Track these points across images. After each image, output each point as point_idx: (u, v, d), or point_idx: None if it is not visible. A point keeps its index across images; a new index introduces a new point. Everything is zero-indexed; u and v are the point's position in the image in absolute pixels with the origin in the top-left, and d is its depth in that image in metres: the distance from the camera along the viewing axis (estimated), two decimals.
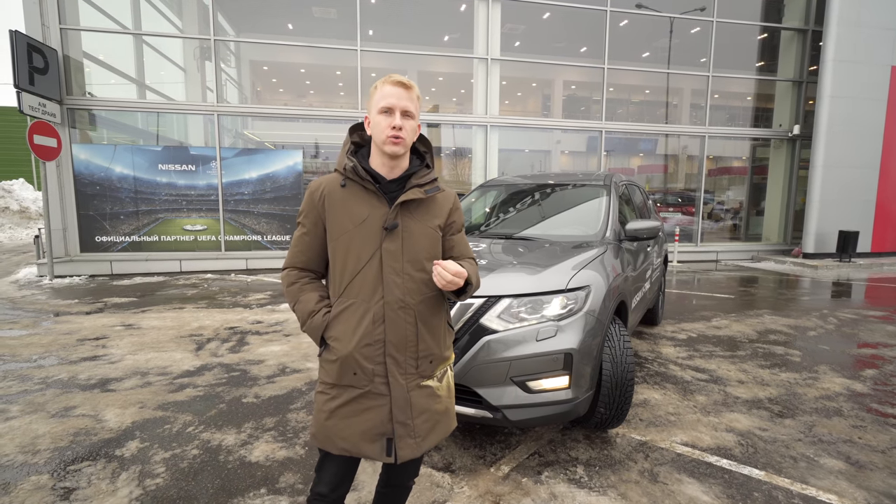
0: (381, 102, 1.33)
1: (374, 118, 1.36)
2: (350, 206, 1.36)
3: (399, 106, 1.33)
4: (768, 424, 2.96)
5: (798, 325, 5.35)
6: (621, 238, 3.32)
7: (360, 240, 1.34)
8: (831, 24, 10.13)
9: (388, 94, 1.33)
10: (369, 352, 1.32)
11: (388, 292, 1.33)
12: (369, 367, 1.33)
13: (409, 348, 1.35)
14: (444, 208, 1.47)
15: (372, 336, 1.33)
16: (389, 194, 1.38)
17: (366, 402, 1.34)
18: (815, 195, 10.60)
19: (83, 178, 8.38)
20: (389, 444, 1.34)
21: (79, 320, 5.37)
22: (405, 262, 1.36)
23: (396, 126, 1.32)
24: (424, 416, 1.37)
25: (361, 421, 1.33)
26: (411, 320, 1.35)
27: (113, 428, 2.87)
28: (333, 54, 10.60)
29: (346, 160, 1.38)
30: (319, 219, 1.38)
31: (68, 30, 8.33)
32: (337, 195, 1.37)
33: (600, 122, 10.82)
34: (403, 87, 1.35)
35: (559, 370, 2.30)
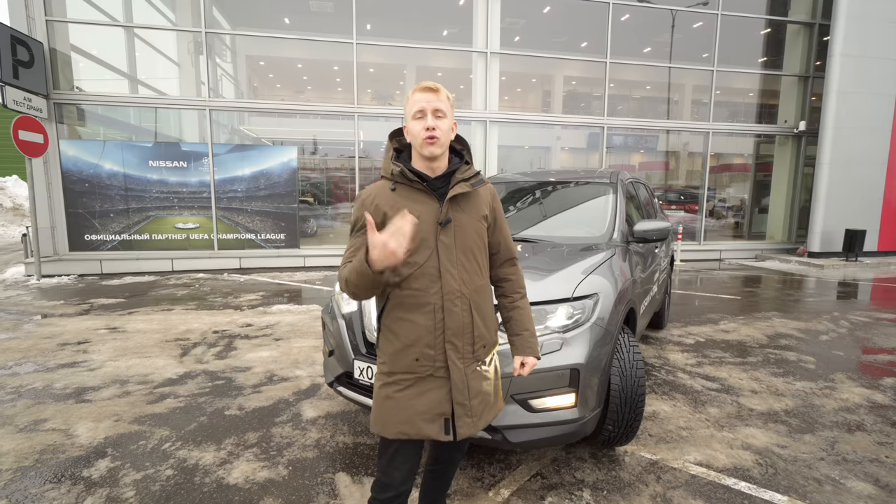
0: (413, 108, 1.41)
1: (409, 125, 1.44)
2: (403, 206, 1.40)
3: (429, 107, 1.40)
4: (787, 441, 2.77)
5: (809, 329, 5.15)
6: (629, 239, 3.11)
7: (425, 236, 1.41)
8: (839, 18, 9.89)
9: (418, 100, 1.40)
10: (431, 339, 1.41)
11: (446, 283, 1.42)
12: (430, 352, 1.42)
13: (466, 335, 1.44)
14: (486, 200, 1.54)
15: (442, 327, 1.41)
16: (437, 191, 1.45)
17: (425, 385, 1.43)
18: (821, 193, 10.39)
19: (71, 175, 8.16)
20: (447, 423, 1.43)
21: (62, 323, 5.16)
22: (458, 254, 1.44)
23: (430, 127, 1.39)
24: (479, 397, 1.48)
25: (421, 403, 1.42)
26: (467, 308, 1.44)
27: (83, 444, 2.67)
28: (330, 49, 10.34)
29: (393, 165, 1.46)
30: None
31: (55, 21, 8.08)
32: (388, 197, 1.44)
33: (602, 118, 10.60)
34: (430, 91, 1.41)
35: (564, 387, 2.09)
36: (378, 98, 14.09)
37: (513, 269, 1.64)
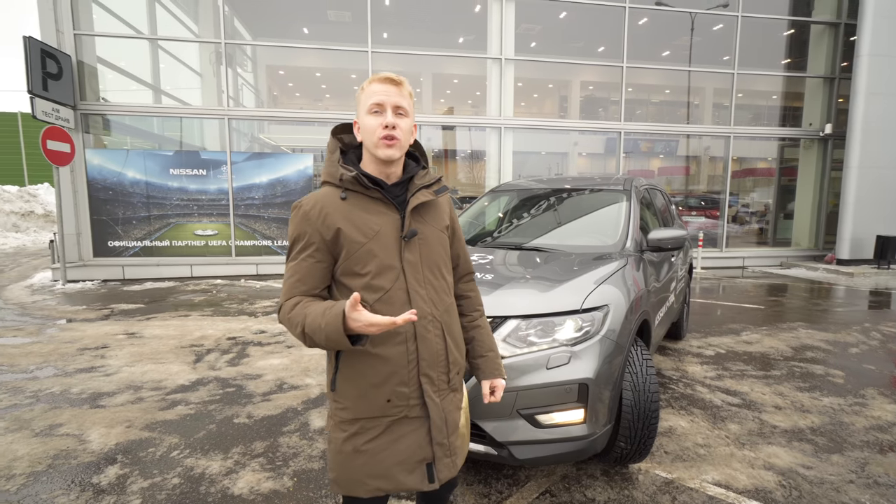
0: (370, 101, 1.19)
1: (363, 120, 1.21)
2: (358, 219, 1.20)
3: (389, 102, 1.19)
4: (813, 461, 2.63)
5: (837, 341, 4.94)
6: (643, 248, 3.02)
7: (374, 254, 1.20)
8: (866, 17, 9.58)
9: (377, 92, 1.19)
10: (404, 374, 1.20)
11: (417, 307, 1.21)
12: (405, 390, 1.21)
13: (441, 363, 1.26)
14: (446, 209, 1.38)
15: (416, 358, 1.21)
16: (395, 200, 1.25)
17: (399, 430, 1.22)
18: (849, 197, 10.02)
19: (96, 183, 8.39)
20: (430, 468, 1.24)
21: (83, 328, 5.27)
22: (425, 271, 1.25)
23: (389, 125, 1.18)
24: (456, 431, 1.31)
25: (397, 451, 1.22)
26: (440, 333, 1.26)
27: (95, 450, 2.70)
28: (347, 58, 10.46)
29: (342, 169, 1.22)
30: (322, 240, 1.19)
31: (83, 35, 8.35)
32: (341, 210, 1.20)
33: (619, 123, 10.45)
34: (392, 83, 1.20)
35: (573, 402, 2.02)
36: None
37: (471, 286, 1.49)
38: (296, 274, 1.20)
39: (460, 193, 13.16)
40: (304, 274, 1.20)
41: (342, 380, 1.22)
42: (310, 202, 1.21)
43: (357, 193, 1.22)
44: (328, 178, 1.25)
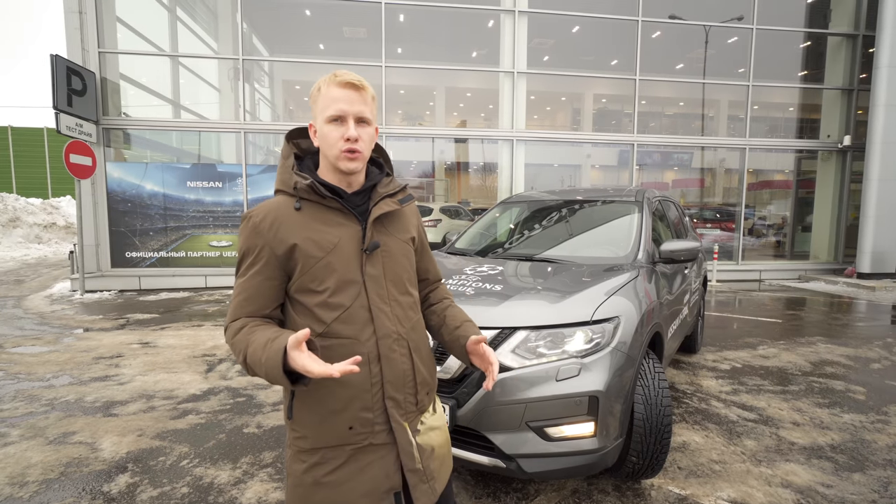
0: (330, 109, 1.08)
1: (321, 128, 1.10)
2: (314, 231, 1.10)
3: (352, 112, 1.08)
4: (833, 479, 2.54)
5: (858, 356, 4.80)
6: (655, 260, 2.99)
7: (332, 267, 1.09)
8: (885, 28, 9.47)
9: (337, 99, 1.07)
10: (367, 399, 1.10)
11: (380, 325, 1.12)
12: (368, 416, 1.10)
13: (408, 384, 1.16)
14: (412, 220, 1.29)
15: (380, 380, 1.11)
16: (355, 210, 1.15)
17: (365, 458, 1.11)
18: (870, 210, 9.81)
19: (116, 196, 8.60)
20: (398, 498, 1.14)
21: (99, 337, 5.36)
22: (389, 286, 1.16)
23: (352, 138, 1.08)
24: (432, 454, 1.21)
25: (362, 482, 1.10)
26: (405, 352, 1.16)
27: (106, 459, 2.73)
28: (362, 72, 10.43)
29: (297, 177, 1.11)
30: (273, 255, 1.08)
31: (107, 53, 8.64)
32: (296, 223, 1.10)
33: (632, 136, 10.42)
34: (354, 88, 1.09)
35: (583, 415, 1.99)
36: (408, 119, 14.37)
37: (438, 284, 1.42)
38: (243, 292, 1.09)
39: (472, 205, 13.21)
40: (252, 293, 1.09)
41: (299, 406, 1.11)
42: (260, 213, 1.10)
43: (313, 203, 1.12)
44: (282, 187, 1.15)
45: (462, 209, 12.19)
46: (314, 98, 1.12)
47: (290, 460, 1.15)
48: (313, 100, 1.12)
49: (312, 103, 1.13)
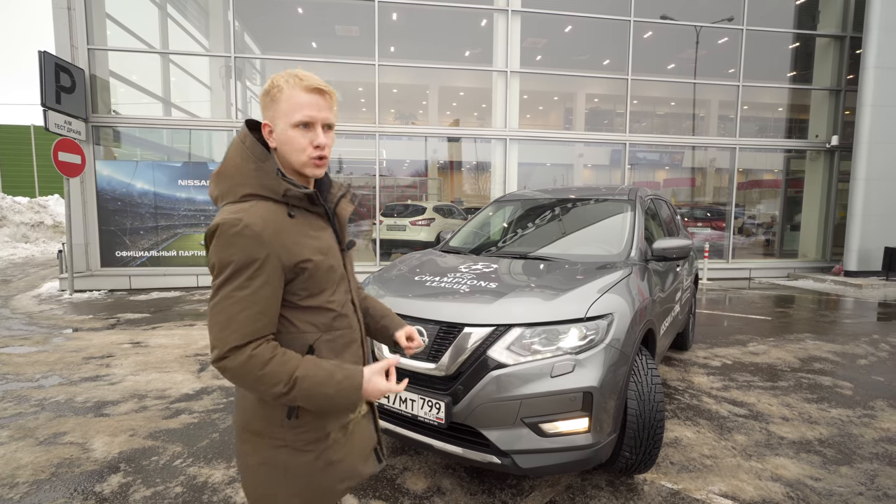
0: (297, 115, 1.05)
1: (286, 132, 1.07)
2: (315, 239, 1.12)
3: (320, 119, 1.08)
4: (821, 472, 2.59)
5: (846, 352, 4.88)
6: (648, 258, 3.02)
7: (340, 267, 1.18)
8: (872, 30, 9.62)
9: (304, 105, 1.05)
10: None
11: (357, 314, 1.26)
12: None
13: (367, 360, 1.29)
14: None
15: (359, 361, 1.22)
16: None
17: (356, 429, 1.22)
18: (857, 209, 9.96)
19: (105, 194, 8.51)
20: (377, 451, 1.29)
21: (89, 337, 5.31)
22: (352, 279, 1.28)
23: (322, 145, 1.08)
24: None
25: (359, 448, 1.22)
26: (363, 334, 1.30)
27: (98, 459, 2.70)
28: (355, 71, 10.60)
29: (287, 184, 1.07)
30: (280, 264, 1.04)
31: (96, 50, 8.54)
32: (292, 230, 1.08)
33: (624, 135, 10.49)
34: (321, 93, 1.07)
35: (577, 411, 2.01)
36: (401, 118, 14.35)
37: None
38: (254, 305, 1.01)
39: (465, 204, 13.22)
40: (264, 305, 1.02)
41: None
42: (258, 221, 1.02)
43: (300, 209, 1.12)
44: (265, 192, 1.06)
45: (455, 208, 12.20)
46: (273, 97, 1.07)
47: (289, 458, 1.12)
48: (272, 99, 1.07)
49: (271, 102, 1.07)
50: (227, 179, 1.08)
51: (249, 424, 1.13)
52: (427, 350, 2.20)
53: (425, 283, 2.59)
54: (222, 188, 1.09)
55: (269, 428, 1.11)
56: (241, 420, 1.14)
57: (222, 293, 1.00)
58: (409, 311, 2.34)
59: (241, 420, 1.14)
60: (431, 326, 2.23)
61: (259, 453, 1.12)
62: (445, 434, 2.14)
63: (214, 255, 1.01)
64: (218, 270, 1.01)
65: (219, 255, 1.01)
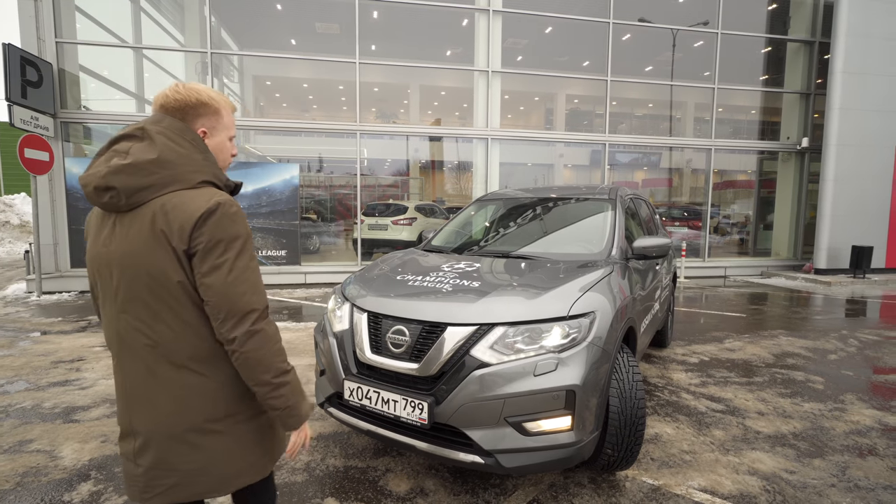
0: (232, 130, 1.31)
1: (224, 142, 1.29)
2: None
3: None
4: (795, 465, 2.65)
5: (817, 348, 5.03)
6: (628, 256, 3.05)
7: None
8: (839, 36, 9.95)
9: (233, 123, 1.32)
10: None
11: None
12: None
13: None
14: None
15: None
16: None
17: None
18: (826, 209, 10.30)
19: (76, 192, 8.22)
20: None
21: (58, 340, 5.12)
22: None
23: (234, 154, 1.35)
24: None
25: None
26: None
27: (67, 466, 2.60)
28: (335, 69, 10.49)
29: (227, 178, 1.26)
30: None
31: (64, 43, 8.24)
32: None
33: (604, 135, 10.62)
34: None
35: (560, 409, 2.02)
36: (382, 117, 14.26)
37: None
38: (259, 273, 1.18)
39: (447, 204, 13.22)
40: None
41: None
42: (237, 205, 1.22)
43: None
44: (215, 181, 1.19)
45: (437, 207, 12.19)
46: (216, 111, 1.24)
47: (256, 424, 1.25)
48: (215, 113, 1.24)
49: (215, 116, 1.24)
50: (170, 167, 1.12)
51: (213, 414, 1.16)
52: (409, 350, 2.18)
53: (407, 282, 2.56)
54: (164, 175, 1.11)
55: (240, 403, 1.19)
56: (193, 417, 1.14)
57: (241, 264, 1.11)
58: (390, 310, 2.31)
59: (193, 417, 1.14)
60: (414, 326, 2.21)
61: (232, 433, 1.18)
62: (428, 435, 2.12)
63: (221, 231, 1.09)
64: (227, 245, 1.10)
65: (227, 231, 1.10)
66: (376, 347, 2.29)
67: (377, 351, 2.28)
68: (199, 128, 1.22)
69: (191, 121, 1.21)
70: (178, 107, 1.19)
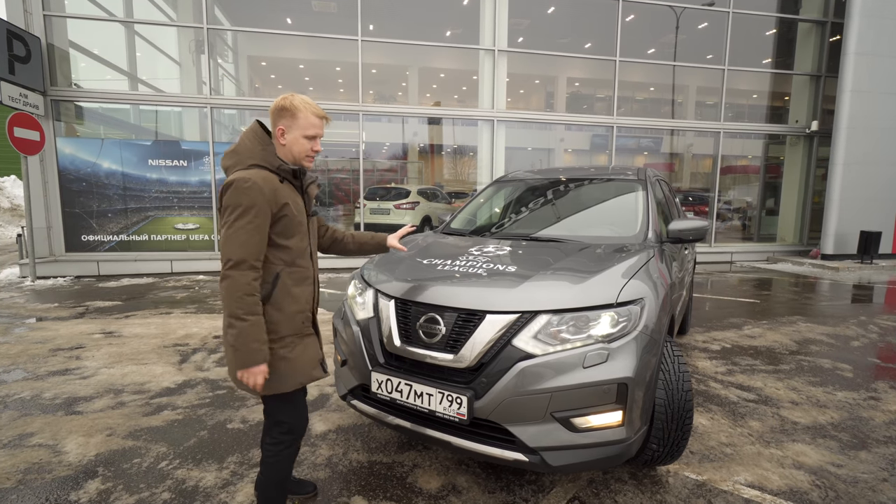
0: (310, 131, 1.67)
1: (299, 139, 1.67)
2: (292, 198, 1.67)
3: (320, 134, 1.71)
4: (842, 459, 2.53)
5: (838, 334, 4.92)
6: (663, 240, 2.88)
7: (305, 224, 1.74)
8: (853, 16, 9.70)
9: (315, 125, 1.68)
10: (310, 306, 1.79)
11: (314, 261, 1.83)
12: (308, 315, 1.78)
13: (317, 301, 1.87)
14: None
15: (314, 294, 1.80)
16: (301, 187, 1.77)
17: (307, 341, 1.76)
18: (834, 194, 10.17)
19: (68, 174, 7.93)
20: (323, 363, 1.81)
21: (55, 327, 4.92)
22: (312, 238, 1.83)
23: (317, 150, 1.73)
24: None
25: (308, 355, 1.75)
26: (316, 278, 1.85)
27: (72, 462, 2.43)
28: (333, 49, 10.14)
29: (281, 162, 1.65)
30: (269, 211, 1.57)
31: (53, 16, 7.87)
32: (281, 189, 1.62)
33: (611, 118, 10.39)
34: (324, 119, 1.71)
35: (611, 404, 1.86)
36: (380, 100, 13.90)
37: (329, 227, 2.20)
38: (256, 234, 1.53)
39: (447, 189, 12.95)
40: (260, 236, 1.55)
41: (272, 310, 1.63)
42: (258, 179, 1.55)
43: (286, 180, 1.67)
44: (264, 164, 1.62)
45: (439, 191, 11.95)
46: (292, 114, 1.64)
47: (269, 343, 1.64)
48: (291, 115, 1.64)
49: (289, 118, 1.65)
50: (237, 155, 1.65)
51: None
52: (444, 340, 2.01)
53: (436, 266, 2.38)
54: (234, 160, 1.65)
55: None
56: None
57: (236, 226, 1.52)
58: (422, 297, 2.14)
59: None
60: (448, 314, 2.03)
61: None
62: (465, 430, 1.96)
63: (229, 200, 1.54)
64: (231, 210, 1.53)
65: (233, 200, 1.53)
66: (406, 336, 2.12)
67: (407, 340, 2.11)
68: (279, 126, 1.66)
69: (274, 121, 1.66)
70: (271, 110, 1.68)
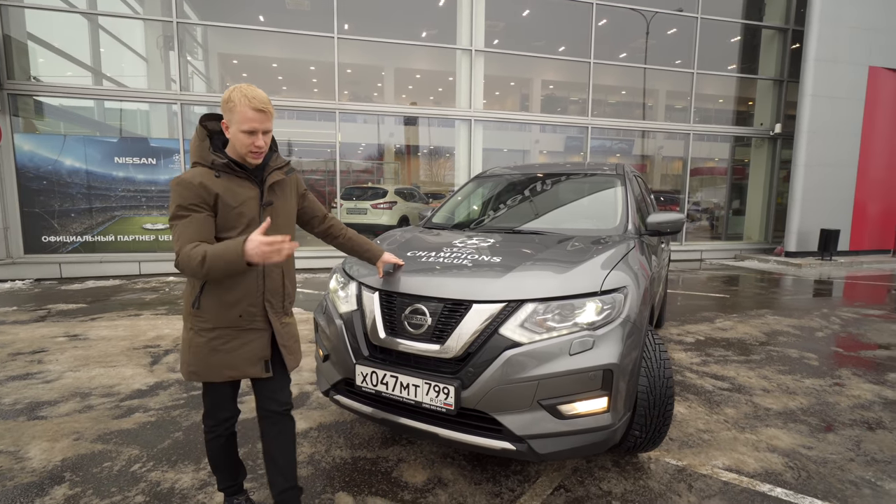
0: (245, 126, 1.55)
1: (237, 134, 1.58)
2: (231, 190, 1.60)
3: (261, 129, 1.58)
4: (812, 441, 2.63)
5: (803, 326, 5.12)
6: (642, 232, 2.94)
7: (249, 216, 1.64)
8: (812, 23, 10.15)
9: (251, 119, 1.55)
10: (255, 300, 1.68)
11: None
12: (252, 310, 1.67)
13: (279, 294, 1.75)
14: (294, 185, 1.84)
15: (260, 289, 1.68)
16: (256, 178, 1.68)
17: (247, 337, 1.68)
18: (797, 194, 10.60)
19: (27, 172, 7.56)
20: (266, 364, 1.71)
21: (14, 331, 4.68)
22: (274, 231, 1.68)
23: (258, 146, 1.60)
24: (291, 338, 1.81)
25: (245, 351, 1.67)
26: (280, 273, 1.74)
27: (36, 469, 2.31)
28: (307, 48, 10.00)
29: (215, 156, 1.61)
30: (205, 201, 1.55)
31: (9, 6, 7.51)
32: (215, 184, 1.58)
33: (586, 119, 10.57)
34: (263, 113, 1.57)
35: (597, 390, 1.88)
36: (356, 99, 13.77)
37: (330, 218, 2.06)
38: (191, 225, 1.52)
39: (423, 189, 12.93)
40: (198, 225, 1.53)
41: (205, 299, 1.62)
42: (188, 176, 1.56)
43: (228, 174, 1.62)
44: (200, 160, 1.61)
45: (416, 191, 11.93)
46: (230, 108, 1.55)
47: (192, 336, 1.65)
48: (229, 109, 1.56)
49: (228, 111, 1.57)
50: (190, 155, 1.67)
51: (183, 310, 1.70)
52: (430, 331, 2.00)
53: (420, 258, 2.37)
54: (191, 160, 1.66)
55: (187, 314, 1.67)
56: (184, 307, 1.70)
57: (173, 223, 1.56)
58: (407, 288, 2.12)
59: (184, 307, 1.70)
60: (434, 304, 2.02)
61: (184, 331, 1.69)
62: (452, 421, 1.95)
63: (171, 197, 1.57)
64: (169, 209, 1.58)
65: (171, 199, 1.57)
66: (391, 328, 2.10)
67: (392, 332, 2.09)
68: (223, 121, 1.61)
69: (224, 115, 1.60)
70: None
